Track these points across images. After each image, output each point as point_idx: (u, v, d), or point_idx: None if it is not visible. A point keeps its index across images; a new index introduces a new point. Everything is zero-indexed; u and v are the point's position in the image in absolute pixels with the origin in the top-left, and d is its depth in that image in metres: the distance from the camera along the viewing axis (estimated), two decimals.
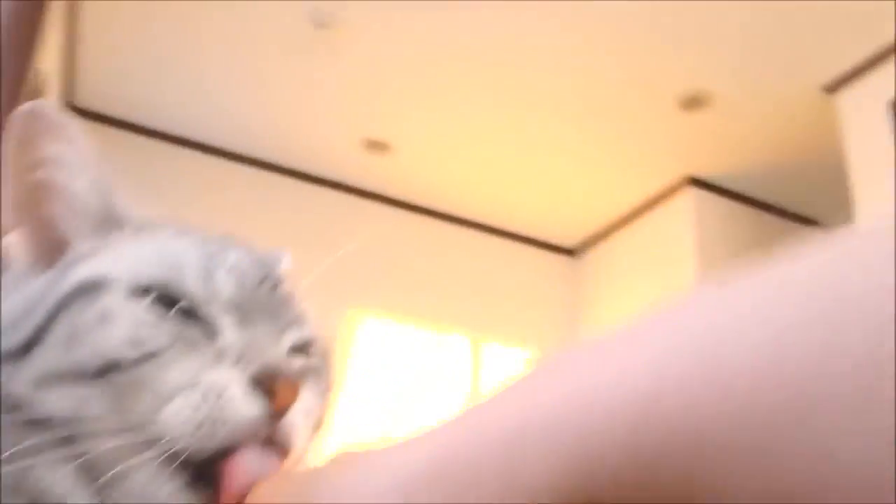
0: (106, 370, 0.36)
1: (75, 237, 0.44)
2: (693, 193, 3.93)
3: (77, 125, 0.45)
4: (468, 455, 0.23)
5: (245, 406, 0.37)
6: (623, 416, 0.20)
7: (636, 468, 0.20)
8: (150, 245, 0.43)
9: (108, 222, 0.45)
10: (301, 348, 0.44)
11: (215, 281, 0.41)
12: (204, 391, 0.37)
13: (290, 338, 0.43)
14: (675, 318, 0.22)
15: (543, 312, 4.52)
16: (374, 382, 3.78)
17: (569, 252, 4.79)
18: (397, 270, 4.12)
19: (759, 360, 0.19)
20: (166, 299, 0.39)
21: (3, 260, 0.44)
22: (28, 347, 0.37)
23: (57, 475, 0.36)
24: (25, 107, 0.43)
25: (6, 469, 0.35)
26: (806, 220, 4.24)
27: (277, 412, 0.37)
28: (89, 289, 0.39)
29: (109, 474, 0.35)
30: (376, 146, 3.88)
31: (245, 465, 0.36)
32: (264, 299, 0.43)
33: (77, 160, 0.44)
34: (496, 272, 4.49)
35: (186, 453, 0.35)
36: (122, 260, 0.41)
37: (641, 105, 3.44)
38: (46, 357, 0.37)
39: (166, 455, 0.36)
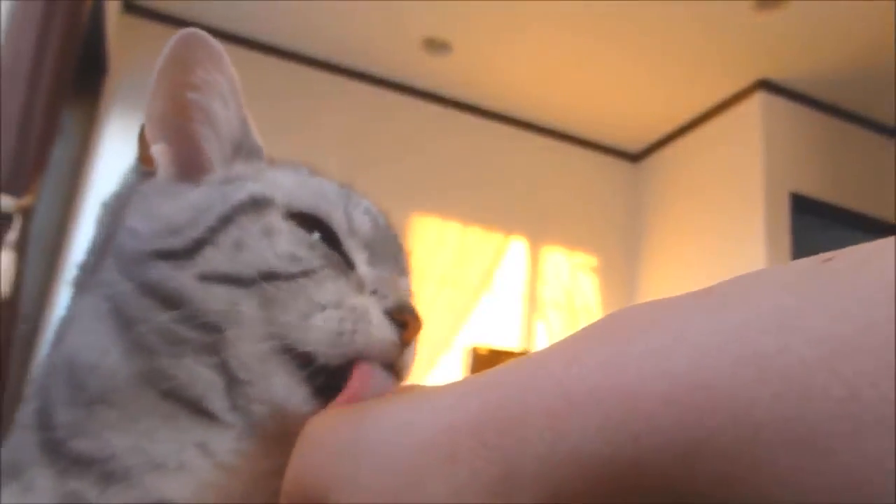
0: (262, 279, 0.40)
1: (215, 159, 0.47)
2: (761, 98, 3.80)
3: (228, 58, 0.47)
4: (515, 412, 0.23)
5: (384, 329, 0.40)
6: (669, 398, 0.20)
7: (677, 452, 0.20)
8: (296, 177, 0.46)
9: (245, 151, 0.48)
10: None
11: (354, 219, 0.45)
12: (349, 309, 0.40)
13: (405, 285, 0.47)
14: (742, 298, 0.22)
15: (604, 218, 4.51)
16: (436, 286, 3.85)
17: (632, 157, 4.72)
18: (458, 173, 4.11)
19: (820, 355, 0.19)
20: (313, 226, 0.43)
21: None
22: (197, 247, 0.41)
23: (200, 370, 0.39)
24: (189, 30, 0.45)
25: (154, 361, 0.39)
26: (878, 127, 4.08)
27: (405, 342, 0.41)
28: (257, 204, 0.42)
29: (249, 374, 0.39)
30: (437, 46, 3.81)
31: (374, 376, 0.39)
32: (390, 246, 0.47)
33: (230, 90, 0.47)
34: (558, 176, 4.46)
35: (324, 360, 0.38)
36: (277, 186, 0.44)
37: (714, 3, 3.29)
38: (215, 257, 0.40)
39: (305, 361, 0.38)
